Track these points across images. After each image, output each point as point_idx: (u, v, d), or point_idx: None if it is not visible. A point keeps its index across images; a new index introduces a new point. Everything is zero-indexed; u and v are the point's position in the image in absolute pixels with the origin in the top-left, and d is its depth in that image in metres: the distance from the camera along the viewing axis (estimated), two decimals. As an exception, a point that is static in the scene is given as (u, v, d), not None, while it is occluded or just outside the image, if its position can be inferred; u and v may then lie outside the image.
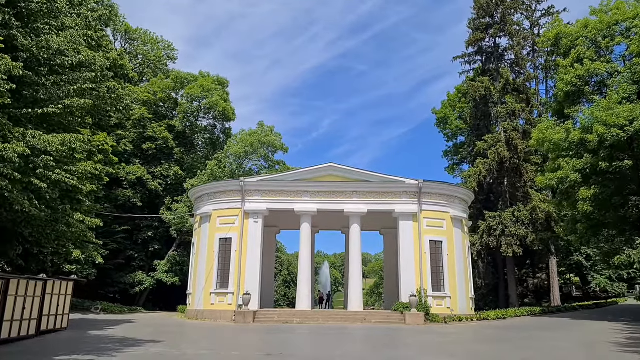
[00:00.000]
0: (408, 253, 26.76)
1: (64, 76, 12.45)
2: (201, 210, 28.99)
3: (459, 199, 28.97)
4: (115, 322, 24.51)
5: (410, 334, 19.32)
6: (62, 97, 12.05)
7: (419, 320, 23.87)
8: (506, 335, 19.21)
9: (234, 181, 28.07)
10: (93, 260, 29.59)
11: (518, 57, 37.15)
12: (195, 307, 27.47)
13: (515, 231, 32.84)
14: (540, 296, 41.86)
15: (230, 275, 26.62)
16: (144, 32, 51.75)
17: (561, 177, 24.62)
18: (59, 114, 11.96)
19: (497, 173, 35.40)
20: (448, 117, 49.31)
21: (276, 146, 40.87)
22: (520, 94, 36.71)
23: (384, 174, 27.95)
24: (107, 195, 39.10)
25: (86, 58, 12.65)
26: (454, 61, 41.59)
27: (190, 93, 42.36)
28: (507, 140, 34.50)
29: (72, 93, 12.23)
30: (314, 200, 27.48)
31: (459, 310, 26.60)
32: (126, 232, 39.86)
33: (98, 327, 20.90)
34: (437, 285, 26.76)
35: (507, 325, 23.68)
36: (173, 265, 40.12)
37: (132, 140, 41.62)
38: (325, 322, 24.10)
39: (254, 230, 27.09)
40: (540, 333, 19.55)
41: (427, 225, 27.30)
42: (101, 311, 30.95)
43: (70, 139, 11.46)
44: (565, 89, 26.56)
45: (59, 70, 12.42)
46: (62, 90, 12.20)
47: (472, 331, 20.82)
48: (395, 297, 30.19)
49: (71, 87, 12.25)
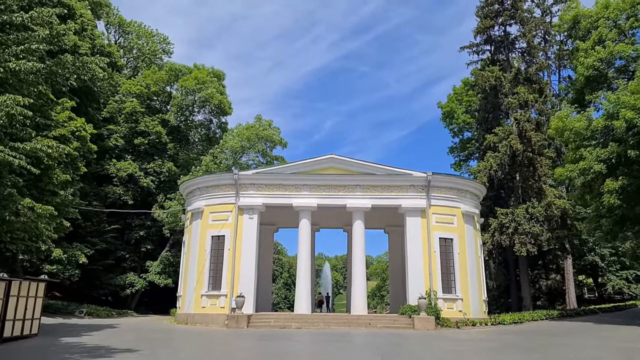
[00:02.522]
0: (416, 251, 24.66)
1: (10, 35, 10.43)
2: (192, 205, 26.93)
3: (471, 193, 26.87)
4: (97, 327, 22.43)
5: (422, 341, 17.20)
6: (7, 60, 10.04)
7: (429, 325, 21.75)
8: (530, 342, 17.08)
9: (227, 174, 26.02)
10: (76, 260, 27.53)
11: (530, 45, 34.98)
12: (185, 310, 25.38)
13: (530, 229, 30.67)
14: (553, 298, 39.63)
15: (223, 276, 24.54)
16: (138, 25, 49.90)
17: (583, 168, 22.53)
18: (2, 79, 9.94)
19: (509, 167, 33.26)
20: (454, 111, 47.22)
21: (274, 141, 38.83)
22: (533, 84, 34.57)
23: (390, 166, 25.87)
24: (96, 192, 37.18)
25: (39, 14, 10.62)
26: (461, 51, 39.40)
27: (184, 85, 40.33)
28: (519, 132, 32.34)
29: (20, 55, 10.23)
30: (314, 195, 25.42)
31: (472, 313, 24.46)
32: (116, 232, 37.90)
33: (74, 334, 18.83)
34: (448, 286, 24.63)
35: (527, 330, 21.52)
36: (166, 266, 38.11)
37: (123, 135, 39.70)
38: (327, 327, 21.99)
39: (249, 227, 25.02)
40: (567, 339, 17.42)
41: (436, 222, 25.20)
42: (86, 315, 28.87)
43: (6, 101, 9.35)
44: (586, 73, 24.48)
45: (4, 29, 10.42)
46: (7, 53, 10.17)
47: (489, 337, 18.68)
48: (401, 300, 28.09)
49: (18, 47, 10.24)
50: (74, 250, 27.67)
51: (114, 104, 40.03)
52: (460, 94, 47.41)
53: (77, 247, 28.44)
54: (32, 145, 11.21)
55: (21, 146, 10.74)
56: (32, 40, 10.49)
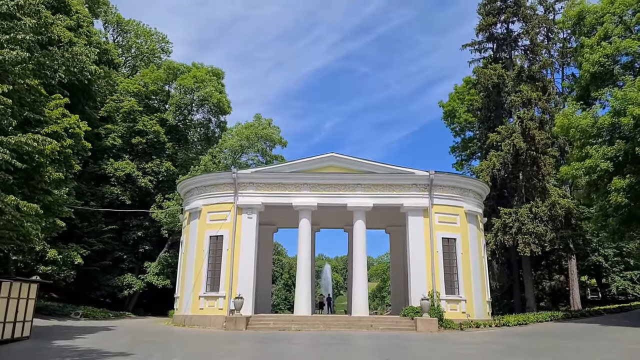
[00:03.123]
0: (418, 252, 24.14)
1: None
2: (190, 205, 26.42)
3: (474, 192, 26.36)
4: (92, 329, 21.91)
5: (426, 344, 16.68)
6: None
7: (432, 327, 21.23)
8: (536, 344, 16.57)
9: (225, 173, 25.51)
10: (72, 260, 26.98)
11: (533, 42, 34.47)
12: (182, 312, 24.86)
13: (533, 229, 30.13)
14: (556, 299, 39.04)
15: (221, 277, 24.02)
16: (136, 24, 49.42)
17: (590, 167, 22.00)
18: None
19: (512, 166, 32.71)
20: (456, 110, 46.69)
21: (274, 140, 38.32)
22: (536, 82, 34.05)
23: (391, 165, 25.35)
24: (93, 192, 36.68)
25: (26, 2, 10.09)
26: (463, 49, 38.99)
27: (182, 84, 39.81)
28: (523, 131, 31.81)
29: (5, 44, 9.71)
30: (314, 194, 24.91)
31: (475, 315, 23.93)
32: (114, 232, 37.37)
33: (68, 336, 18.31)
34: (451, 287, 24.10)
35: (532, 332, 20.99)
36: (164, 267, 37.58)
37: (121, 135, 39.20)
38: (327, 329, 21.47)
39: (247, 227, 24.50)
40: (574, 342, 16.91)
41: (439, 221, 24.69)
42: (82, 317, 28.35)
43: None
44: (591, 69, 23.96)
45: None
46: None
47: (495, 340, 18.16)
48: (403, 301, 27.61)
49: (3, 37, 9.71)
50: (70, 250, 27.12)
51: (112, 103, 39.55)
52: (462, 92, 46.90)
53: (72, 247, 27.88)
54: (17, 139, 10.69)
55: (5, 139, 10.21)
56: (18, 29, 9.98)
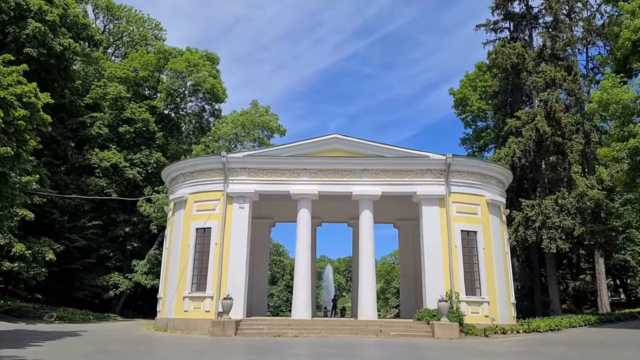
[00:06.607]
0: (434, 246, 21.08)
1: None
2: (175, 194, 23.47)
3: (496, 179, 23.28)
4: (58, 334, 18.90)
5: (451, 356, 13.59)
6: None
7: (452, 333, 18.13)
8: (586, 356, 13.46)
9: (214, 157, 22.54)
10: (43, 256, 24.01)
11: (557, 18, 31.38)
12: (165, 314, 21.86)
13: (560, 222, 27.04)
14: (580, 301, 35.89)
15: (208, 275, 21.03)
16: (128, 9, 46.68)
17: (635, 147, 18.94)
18: None
19: (534, 154, 29.64)
20: (468, 98, 43.62)
21: (272, 128, 35.38)
22: (560, 61, 31.01)
23: (403, 147, 22.31)
24: (76, 184, 33.78)
25: None
26: (476, 30, 36.07)
27: (174, 68, 36.87)
28: (547, 114, 28.70)
29: None
30: (315, 181, 21.90)
31: (500, 319, 20.83)
32: (99, 228, 34.42)
33: (22, 343, 15.29)
34: (472, 287, 21.01)
35: (572, 340, 17.83)
36: (154, 266, 34.56)
37: (107, 123, 36.31)
38: (330, 335, 18.43)
39: (239, 218, 21.51)
40: (630, 352, 13.82)
41: (457, 212, 21.60)
42: (56, 320, 25.39)
43: None
44: (633, 36, 20.88)
45: None
46: None
47: (530, 350, 15.04)
48: (414, 303, 24.60)
49: None
50: (41, 245, 24.19)
51: (98, 90, 36.72)
52: (473, 79, 43.87)
53: (45, 242, 24.96)
54: None
55: None
56: None
